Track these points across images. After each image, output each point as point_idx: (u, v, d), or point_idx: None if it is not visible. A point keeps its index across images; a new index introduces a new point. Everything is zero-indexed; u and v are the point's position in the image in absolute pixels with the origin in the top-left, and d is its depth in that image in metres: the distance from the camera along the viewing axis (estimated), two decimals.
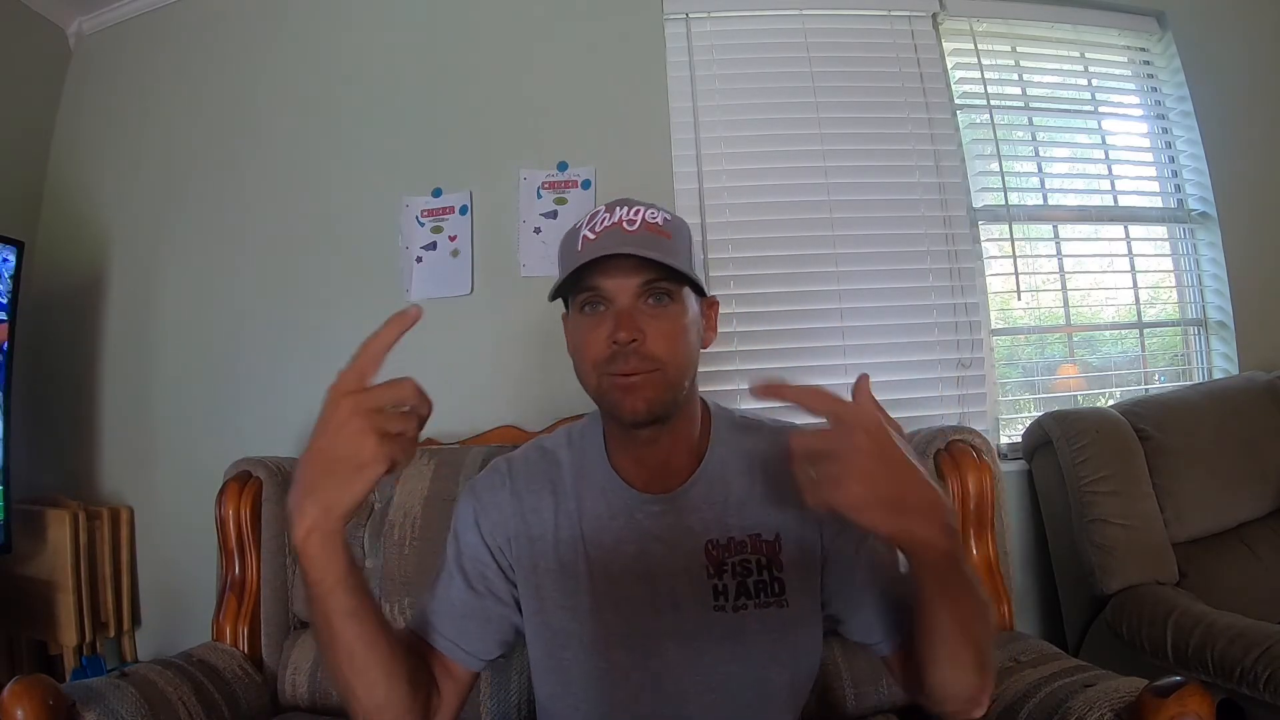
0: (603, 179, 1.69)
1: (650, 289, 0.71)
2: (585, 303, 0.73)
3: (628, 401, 0.71)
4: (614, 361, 0.70)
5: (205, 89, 1.85)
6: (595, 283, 0.71)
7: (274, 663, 1.25)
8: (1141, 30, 1.95)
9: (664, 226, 0.73)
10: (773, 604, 0.75)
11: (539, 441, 0.86)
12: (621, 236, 0.71)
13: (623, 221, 0.72)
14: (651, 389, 0.70)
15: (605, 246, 0.69)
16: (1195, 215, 1.92)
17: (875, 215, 1.75)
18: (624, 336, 0.69)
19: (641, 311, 0.71)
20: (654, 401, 0.71)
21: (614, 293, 0.71)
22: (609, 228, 0.72)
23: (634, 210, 0.73)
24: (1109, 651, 1.35)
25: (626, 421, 0.72)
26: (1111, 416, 1.51)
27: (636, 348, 0.70)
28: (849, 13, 1.84)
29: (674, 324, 0.72)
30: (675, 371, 0.72)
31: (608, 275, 0.70)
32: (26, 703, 0.82)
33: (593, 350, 0.72)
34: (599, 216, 0.73)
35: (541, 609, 0.78)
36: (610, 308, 0.71)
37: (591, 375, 0.73)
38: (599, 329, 0.71)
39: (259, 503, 1.29)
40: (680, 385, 0.73)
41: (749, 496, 0.77)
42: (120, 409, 1.80)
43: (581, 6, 1.77)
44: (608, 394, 0.72)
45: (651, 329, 0.70)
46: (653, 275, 0.70)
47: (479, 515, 0.80)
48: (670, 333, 0.71)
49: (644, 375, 0.70)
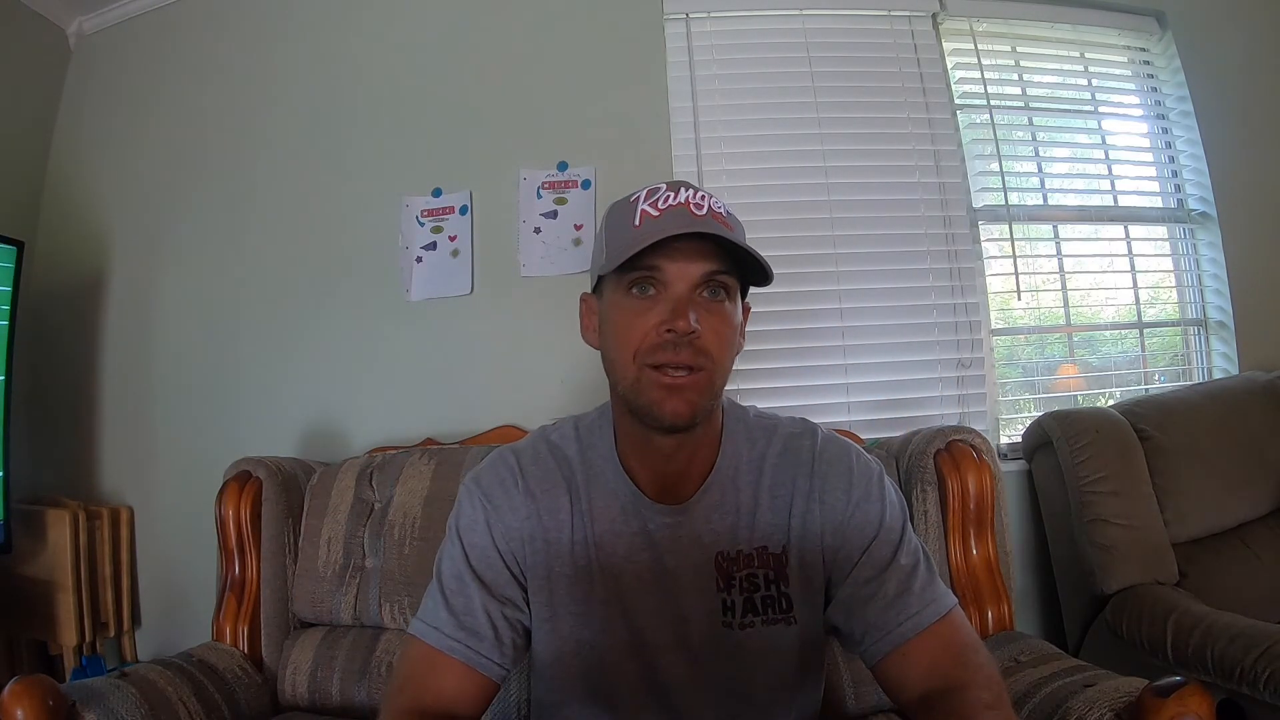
0: (603, 179, 1.69)
1: (712, 280, 0.66)
2: (635, 283, 0.66)
3: (669, 403, 0.65)
4: (662, 351, 0.64)
5: (205, 89, 1.85)
6: (656, 262, 0.65)
7: (274, 663, 1.24)
8: (1141, 30, 1.95)
9: (728, 218, 0.67)
10: (780, 621, 0.73)
11: (545, 434, 0.81)
12: (690, 218, 0.64)
13: (690, 204, 0.66)
14: (696, 392, 0.65)
15: (675, 225, 0.63)
16: (1195, 215, 1.92)
17: (875, 215, 1.75)
18: (683, 326, 0.63)
19: (697, 303, 0.65)
20: (697, 406, 0.66)
21: (674, 277, 0.65)
22: (674, 206, 0.65)
23: (700, 195, 0.67)
24: (1109, 651, 1.35)
25: (664, 424, 0.66)
26: (1111, 416, 1.51)
27: (693, 339, 0.64)
28: (849, 13, 1.84)
29: (727, 322, 0.67)
30: (720, 375, 0.67)
31: (671, 258, 0.64)
32: (26, 703, 0.81)
33: (637, 336, 0.65)
34: (661, 193, 0.67)
35: (553, 615, 0.75)
36: (664, 293, 0.65)
37: (630, 366, 0.66)
38: (649, 314, 0.65)
39: (259, 503, 1.28)
40: (719, 389, 0.69)
41: (757, 505, 0.74)
42: (120, 409, 1.80)
43: (581, 6, 1.77)
44: (647, 391, 0.66)
45: (707, 324, 0.65)
46: (717, 266, 0.65)
47: (490, 518, 0.75)
48: (723, 331, 0.67)
49: (692, 375, 0.65)
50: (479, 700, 0.71)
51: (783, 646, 0.74)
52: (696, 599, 0.73)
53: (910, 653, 0.68)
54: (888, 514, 0.74)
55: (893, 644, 0.69)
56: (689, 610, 0.73)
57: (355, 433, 1.68)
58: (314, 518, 1.30)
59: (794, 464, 0.75)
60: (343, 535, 1.27)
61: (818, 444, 0.76)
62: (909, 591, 0.70)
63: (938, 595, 0.70)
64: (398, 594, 1.22)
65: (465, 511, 0.77)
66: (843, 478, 0.74)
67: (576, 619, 0.74)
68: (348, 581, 1.25)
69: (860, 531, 0.73)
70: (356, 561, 1.26)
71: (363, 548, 1.26)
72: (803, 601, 0.74)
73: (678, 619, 0.74)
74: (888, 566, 0.71)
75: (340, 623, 1.26)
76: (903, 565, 0.71)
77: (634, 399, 0.68)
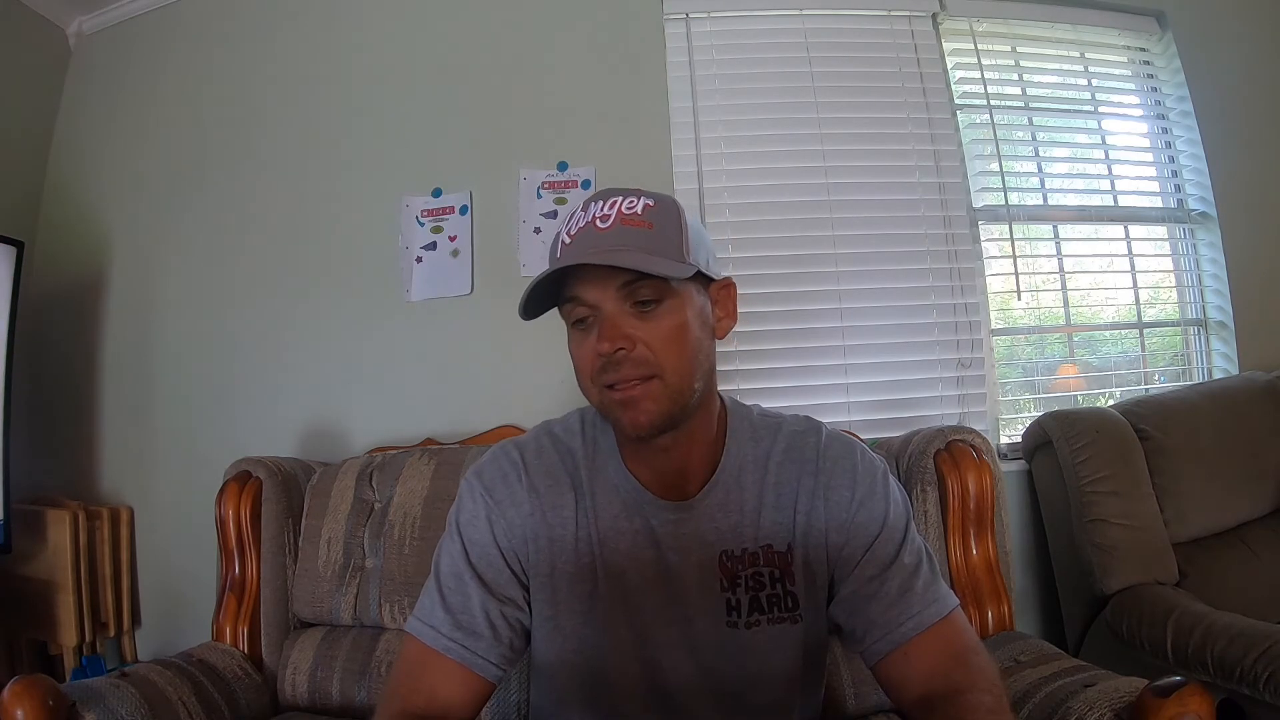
0: (603, 179, 1.69)
1: (631, 292, 0.64)
2: (572, 316, 0.68)
3: (628, 416, 0.66)
4: (605, 373, 0.65)
5: (205, 89, 1.85)
6: (573, 292, 0.66)
7: (274, 663, 1.24)
8: (1141, 30, 1.95)
9: (643, 216, 0.66)
10: (786, 620, 0.73)
11: (549, 427, 0.80)
12: (594, 238, 0.64)
13: (595, 220, 0.65)
14: (651, 400, 0.65)
15: (575, 254, 0.64)
16: (1195, 215, 1.92)
17: (875, 215, 1.75)
18: (606, 348, 0.64)
19: (628, 316, 0.65)
20: (656, 414, 0.65)
21: (596, 300, 0.65)
22: (582, 229, 0.65)
23: (609, 204, 0.66)
24: (1109, 651, 1.35)
25: (631, 436, 0.68)
26: (1111, 416, 1.51)
27: (625, 356, 0.64)
28: (849, 13, 1.84)
29: (666, 325, 0.66)
30: (676, 377, 0.66)
31: (584, 283, 0.65)
32: (26, 703, 0.81)
33: (586, 365, 0.67)
34: (576, 216, 0.67)
35: (555, 614, 0.74)
36: (596, 316, 0.66)
37: (592, 391, 0.68)
38: (587, 342, 0.66)
39: (259, 503, 1.28)
40: (686, 390, 0.67)
41: (762, 503, 0.74)
42: (120, 409, 1.80)
43: (582, 6, 1.77)
44: (609, 410, 0.68)
45: (641, 334, 0.65)
46: (630, 276, 0.64)
47: (491, 514, 0.74)
48: (663, 336, 0.65)
49: (641, 385, 0.65)
50: (475, 701, 0.71)
51: (787, 646, 0.73)
52: (701, 598, 0.73)
53: (912, 652, 0.68)
54: (891, 512, 0.74)
55: (894, 643, 0.69)
56: (693, 609, 0.73)
57: (355, 433, 1.68)
58: (314, 518, 1.30)
59: (798, 462, 0.75)
60: (343, 535, 1.27)
61: (822, 442, 0.76)
62: (911, 591, 0.70)
63: (940, 595, 0.71)
64: (397, 594, 1.22)
65: (466, 506, 0.75)
66: (847, 475, 0.74)
67: (579, 618, 0.74)
68: (348, 581, 1.25)
69: (864, 529, 0.73)
70: (356, 561, 1.26)
71: (363, 548, 1.26)
72: (807, 600, 0.74)
73: (682, 618, 0.73)
74: (890, 565, 0.71)
75: (340, 623, 1.26)
76: (906, 564, 0.71)
77: (606, 417, 0.72)
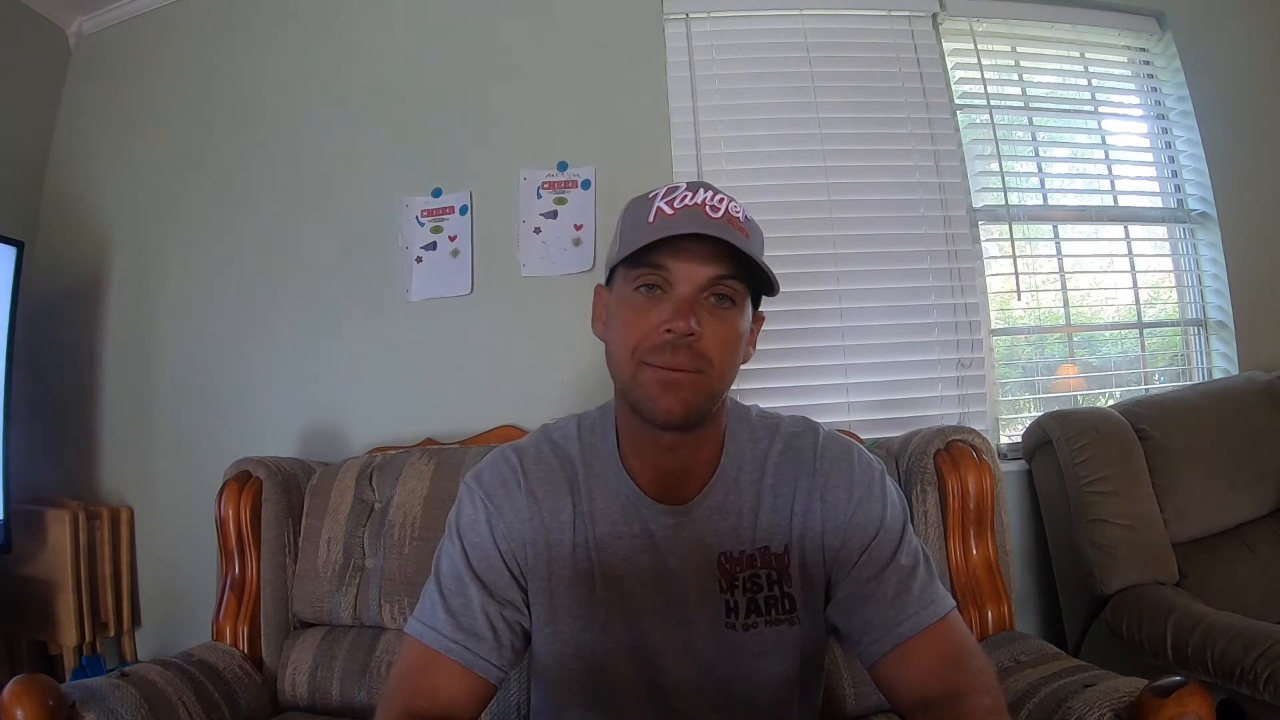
0: (603, 179, 1.69)
1: (719, 286, 0.65)
2: (642, 279, 0.66)
3: (664, 400, 0.65)
4: (660, 352, 0.64)
5: (205, 89, 1.85)
6: (663, 261, 0.65)
7: (274, 663, 1.24)
8: (1141, 30, 1.95)
9: (745, 224, 0.67)
10: (783, 621, 0.73)
11: (547, 432, 0.80)
12: (704, 219, 0.64)
13: (706, 205, 0.65)
14: (692, 391, 0.65)
15: (684, 225, 0.63)
16: (1195, 215, 1.92)
17: (875, 215, 1.75)
18: (683, 326, 0.63)
19: (702, 307, 0.65)
20: (691, 405, 0.65)
21: (680, 278, 0.65)
22: (689, 207, 0.65)
23: (718, 197, 0.66)
24: (1109, 651, 1.35)
25: (657, 421, 0.66)
26: (1111, 416, 1.51)
27: (692, 342, 0.64)
28: (849, 13, 1.84)
29: (732, 329, 0.67)
30: (720, 380, 0.67)
31: (679, 257, 0.64)
32: (26, 703, 0.81)
33: (638, 333, 0.65)
34: (679, 193, 0.66)
35: (554, 618, 0.74)
36: (670, 292, 0.65)
37: (628, 361, 0.66)
38: (652, 312, 0.65)
39: (259, 503, 1.28)
40: (719, 395, 0.68)
41: (759, 505, 0.74)
42: (120, 409, 1.80)
43: (582, 6, 1.77)
44: (643, 386, 0.66)
45: (709, 328, 0.65)
46: (726, 271, 0.65)
47: (491, 517, 0.74)
48: (726, 337, 0.66)
49: (690, 374, 0.64)
50: (476, 702, 0.71)
51: (785, 648, 0.73)
52: (699, 601, 0.73)
53: (908, 654, 0.68)
54: (888, 514, 0.74)
55: (891, 644, 0.69)
56: (692, 612, 0.73)
57: (355, 433, 1.68)
58: (314, 518, 1.30)
59: (796, 463, 0.75)
60: (343, 535, 1.27)
61: (819, 443, 0.76)
62: (908, 592, 0.70)
63: (937, 597, 0.71)
64: (398, 594, 1.22)
65: (466, 510, 0.76)
66: (844, 476, 0.74)
67: (578, 622, 0.74)
68: (348, 581, 1.25)
69: (861, 530, 0.73)
70: (356, 561, 1.26)
71: (363, 548, 1.26)
72: (805, 602, 0.74)
73: (681, 621, 0.73)
74: (887, 566, 0.71)
75: (340, 623, 1.26)
76: (903, 565, 0.71)
77: (631, 393, 0.68)
